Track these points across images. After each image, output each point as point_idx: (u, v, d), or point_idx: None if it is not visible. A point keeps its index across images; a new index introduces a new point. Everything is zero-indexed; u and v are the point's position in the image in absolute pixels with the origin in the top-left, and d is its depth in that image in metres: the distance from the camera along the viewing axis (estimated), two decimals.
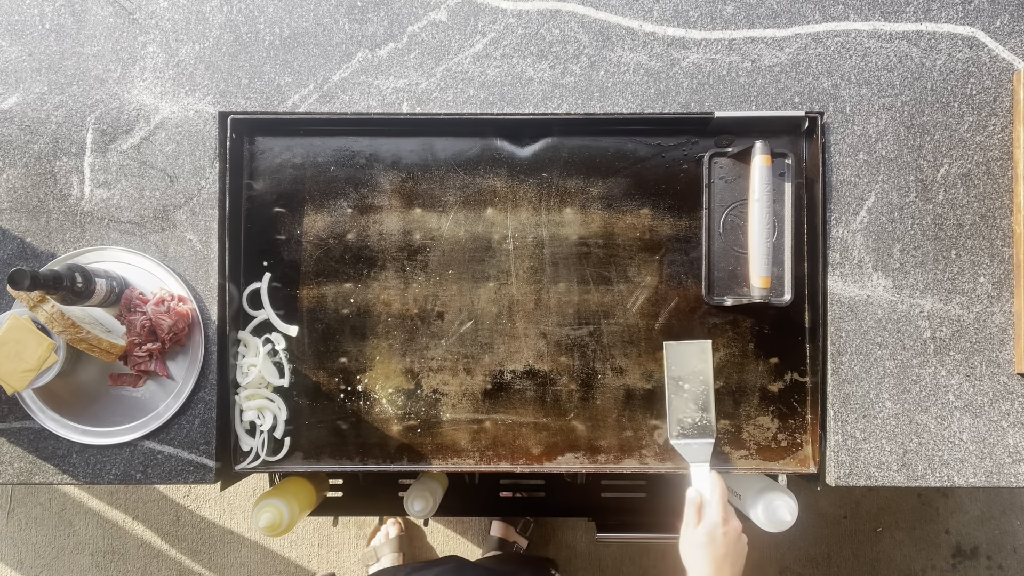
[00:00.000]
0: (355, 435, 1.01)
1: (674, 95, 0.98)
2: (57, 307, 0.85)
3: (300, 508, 1.11)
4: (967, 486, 0.95)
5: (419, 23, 0.99)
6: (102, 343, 0.88)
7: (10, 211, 0.98)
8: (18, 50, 0.99)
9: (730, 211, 0.99)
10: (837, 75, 0.98)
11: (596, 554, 1.85)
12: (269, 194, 1.00)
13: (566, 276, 1.00)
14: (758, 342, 0.99)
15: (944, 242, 0.96)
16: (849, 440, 0.96)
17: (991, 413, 0.96)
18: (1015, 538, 1.90)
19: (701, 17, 0.98)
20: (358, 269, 1.00)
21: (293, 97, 0.98)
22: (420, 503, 1.15)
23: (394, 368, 1.00)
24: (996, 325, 0.96)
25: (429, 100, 0.98)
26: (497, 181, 1.00)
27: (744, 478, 1.08)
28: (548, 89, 0.98)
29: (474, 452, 1.00)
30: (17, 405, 0.97)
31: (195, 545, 1.91)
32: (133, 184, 0.98)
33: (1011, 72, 0.97)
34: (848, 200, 0.97)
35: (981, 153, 0.97)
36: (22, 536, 1.92)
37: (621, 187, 1.00)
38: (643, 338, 1.00)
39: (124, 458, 0.97)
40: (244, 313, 1.00)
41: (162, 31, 0.99)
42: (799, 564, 1.89)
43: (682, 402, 0.98)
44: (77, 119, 0.98)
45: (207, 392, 0.97)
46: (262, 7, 0.99)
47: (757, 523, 1.02)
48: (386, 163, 1.00)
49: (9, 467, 0.97)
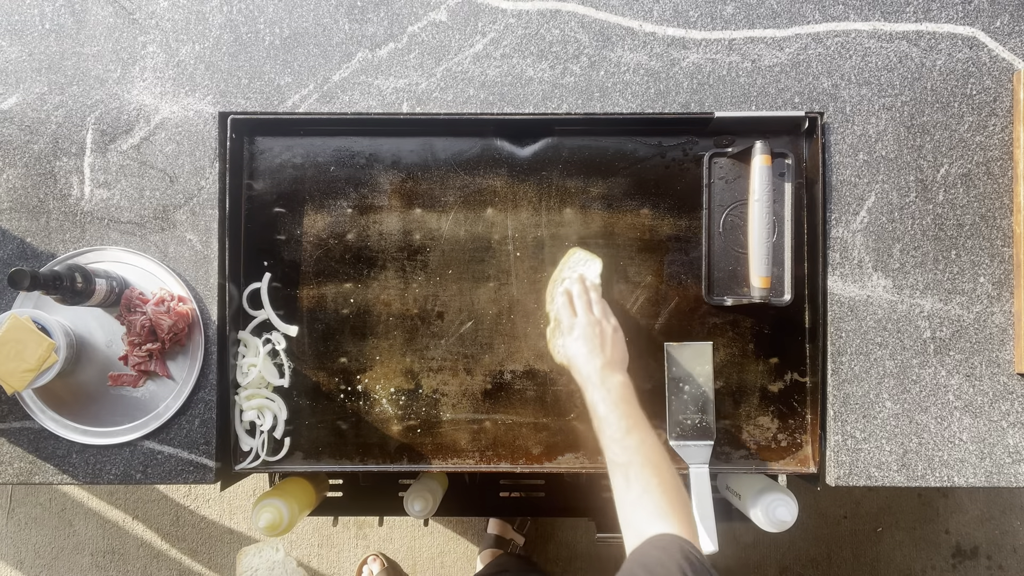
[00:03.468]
0: (355, 435, 1.01)
1: (674, 95, 0.98)
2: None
3: (300, 508, 1.11)
4: (967, 486, 0.95)
5: (419, 23, 0.99)
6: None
7: (10, 211, 0.98)
8: (18, 50, 0.99)
9: (730, 211, 0.99)
10: (837, 75, 0.97)
11: (596, 554, 1.85)
12: (269, 194, 1.00)
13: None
14: (758, 342, 0.99)
15: (944, 242, 0.96)
16: (849, 440, 0.96)
17: (991, 413, 0.96)
18: (1015, 538, 1.90)
19: (701, 17, 0.98)
20: (358, 269, 1.00)
21: (293, 97, 0.98)
22: (420, 503, 1.15)
23: (394, 368, 1.00)
24: (996, 325, 0.96)
25: (429, 100, 0.98)
26: (497, 181, 1.00)
27: (744, 478, 1.08)
28: (548, 89, 0.98)
29: (474, 452, 1.00)
30: (17, 405, 0.97)
31: (195, 545, 1.91)
32: (133, 184, 0.98)
33: (1011, 72, 0.97)
34: (848, 200, 0.97)
35: (981, 153, 0.97)
36: (22, 536, 1.92)
37: (621, 187, 1.00)
38: (643, 338, 0.99)
39: (124, 458, 0.97)
40: (244, 313, 1.00)
41: (162, 31, 0.99)
42: (799, 564, 1.89)
43: (682, 404, 0.98)
44: (77, 119, 0.98)
45: (207, 392, 0.97)
46: (262, 7, 0.99)
47: (757, 523, 1.02)
48: (386, 163, 1.00)
49: (9, 467, 0.97)
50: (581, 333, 0.89)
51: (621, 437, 0.79)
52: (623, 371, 0.87)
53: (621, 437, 0.79)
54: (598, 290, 0.95)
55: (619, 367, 0.87)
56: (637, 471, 0.76)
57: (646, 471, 0.76)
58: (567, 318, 0.92)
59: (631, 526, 0.73)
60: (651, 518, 0.72)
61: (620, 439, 0.79)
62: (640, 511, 0.73)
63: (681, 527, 0.70)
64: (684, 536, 0.68)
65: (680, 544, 0.66)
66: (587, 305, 0.92)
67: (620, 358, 0.89)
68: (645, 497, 0.74)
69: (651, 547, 0.67)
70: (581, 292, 0.93)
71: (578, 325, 0.90)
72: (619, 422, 0.80)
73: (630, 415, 0.81)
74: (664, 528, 0.69)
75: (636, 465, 0.77)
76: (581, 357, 0.87)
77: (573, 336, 0.90)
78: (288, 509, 1.05)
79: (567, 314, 0.92)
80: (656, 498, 0.73)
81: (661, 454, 0.79)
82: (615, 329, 0.91)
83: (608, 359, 0.87)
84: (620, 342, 0.90)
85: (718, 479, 1.19)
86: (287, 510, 1.05)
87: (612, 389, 0.84)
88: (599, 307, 0.92)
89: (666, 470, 0.77)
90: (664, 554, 0.65)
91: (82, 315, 0.97)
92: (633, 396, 0.84)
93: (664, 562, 0.63)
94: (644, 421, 0.82)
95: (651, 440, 0.80)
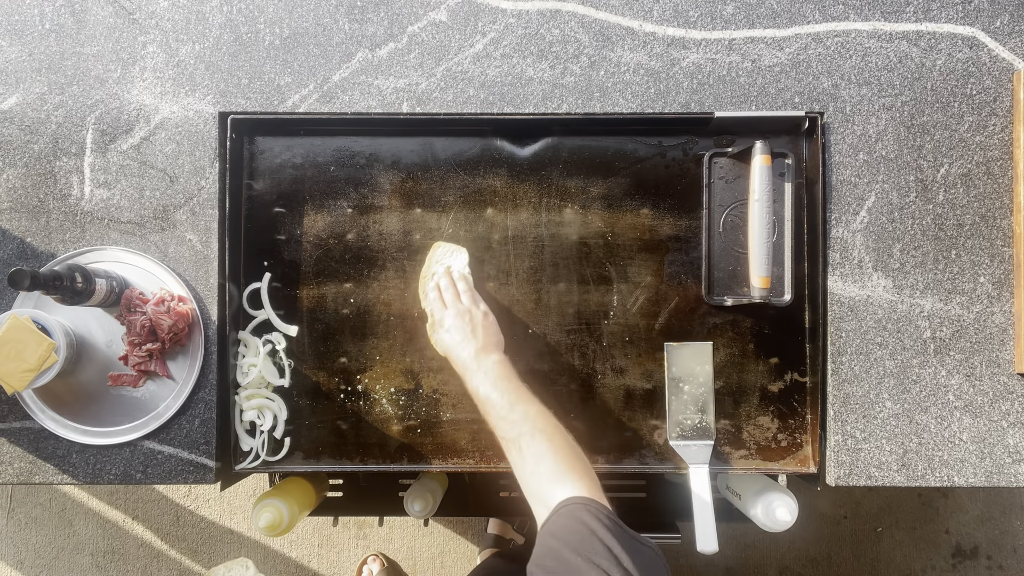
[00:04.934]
0: (355, 435, 1.01)
1: (674, 95, 0.98)
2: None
3: (300, 508, 1.11)
4: (967, 486, 0.95)
5: (419, 23, 0.99)
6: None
7: (10, 211, 0.98)
8: (18, 50, 0.99)
9: (730, 211, 0.99)
10: (837, 75, 0.97)
11: None
12: (269, 194, 1.00)
13: (566, 276, 1.00)
14: (758, 342, 0.99)
15: (944, 242, 0.96)
16: (849, 440, 0.96)
17: (991, 413, 0.96)
18: (1015, 538, 1.90)
19: (701, 17, 0.98)
20: (358, 269, 1.00)
21: (293, 97, 0.98)
22: (420, 503, 1.15)
23: (394, 368, 1.00)
24: (996, 325, 0.96)
25: (429, 100, 0.98)
26: (497, 181, 1.00)
27: (744, 478, 1.08)
28: (548, 89, 0.98)
29: (474, 452, 1.00)
30: (17, 405, 0.97)
31: (195, 545, 1.91)
32: (133, 184, 0.98)
33: (1011, 72, 0.97)
34: (848, 200, 0.97)
35: (981, 153, 0.97)
36: (22, 536, 1.92)
37: (621, 187, 1.00)
38: (643, 338, 0.99)
39: (124, 458, 0.97)
40: (244, 313, 1.00)
41: (162, 31, 0.99)
42: (799, 564, 1.89)
43: (682, 404, 0.98)
44: (77, 119, 0.98)
45: (207, 392, 0.97)
46: (262, 7, 0.99)
47: (757, 523, 1.02)
48: (386, 163, 1.00)
49: (9, 467, 0.97)
50: (452, 323, 0.91)
51: (507, 413, 0.81)
52: (498, 352, 0.89)
53: (507, 413, 0.81)
54: (467, 280, 0.97)
55: (494, 349, 0.89)
56: (528, 441, 0.77)
57: (536, 439, 0.77)
58: (439, 311, 0.94)
59: (535, 496, 0.74)
60: (551, 483, 0.72)
61: (506, 415, 0.81)
62: (538, 479, 0.74)
63: (581, 486, 0.70)
64: (585, 495, 0.69)
65: (585, 505, 0.67)
66: (455, 296, 0.94)
67: (494, 341, 0.90)
68: (541, 464, 0.75)
69: (559, 517, 0.68)
70: (448, 284, 0.95)
71: (448, 316, 0.92)
72: (501, 399, 0.82)
73: (511, 390, 0.83)
74: (565, 492, 0.70)
75: (526, 436, 0.78)
76: (456, 346, 0.89)
77: (445, 327, 0.92)
78: (288, 509, 1.05)
79: (439, 308, 0.94)
80: (550, 462, 0.74)
81: (548, 420, 0.80)
82: (485, 314, 0.92)
83: (481, 344, 0.88)
84: (492, 326, 0.92)
85: (718, 479, 1.19)
86: (287, 510, 1.05)
87: (489, 370, 0.85)
88: (467, 295, 0.94)
89: (557, 435, 0.78)
90: (574, 520, 0.66)
91: (82, 315, 0.97)
92: (512, 373, 0.86)
93: (575, 528, 0.64)
94: (527, 394, 0.83)
95: (535, 409, 0.81)
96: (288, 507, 1.05)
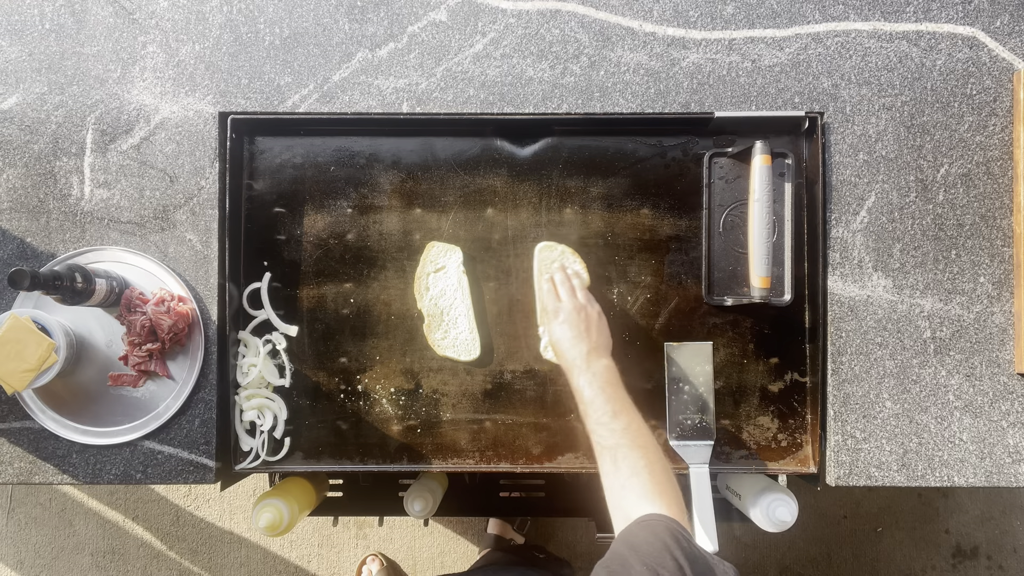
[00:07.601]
0: (355, 435, 1.01)
1: (674, 95, 0.98)
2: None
3: (300, 508, 1.11)
4: (967, 486, 0.95)
5: (419, 23, 0.99)
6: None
7: (10, 211, 0.98)
8: (18, 50, 0.99)
9: (730, 211, 0.99)
10: (837, 75, 0.97)
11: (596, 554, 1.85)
12: (269, 194, 1.00)
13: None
14: (758, 342, 0.99)
15: (944, 242, 0.96)
16: (849, 440, 0.96)
17: (991, 413, 0.96)
18: (1015, 538, 1.90)
19: (701, 17, 0.98)
20: (358, 269, 1.00)
21: (293, 97, 0.98)
22: (420, 503, 1.15)
23: (394, 368, 1.00)
24: (996, 325, 0.96)
25: (429, 100, 0.98)
26: (497, 181, 1.00)
27: (744, 478, 1.08)
28: (548, 89, 0.98)
29: (474, 452, 1.00)
30: (17, 405, 0.97)
31: (195, 545, 1.91)
32: (133, 184, 0.98)
33: (1011, 72, 0.97)
34: (848, 200, 0.97)
35: (981, 153, 0.97)
36: (22, 536, 1.92)
37: (621, 187, 1.00)
38: (643, 338, 0.99)
39: (124, 458, 0.97)
40: (244, 313, 1.00)
41: (162, 31, 0.99)
42: (799, 564, 1.89)
43: (682, 404, 0.98)
44: (77, 119, 0.98)
45: (207, 392, 0.97)
46: (262, 7, 0.99)
47: (757, 523, 1.02)
48: (386, 163, 1.00)
49: (9, 467, 0.97)
50: (567, 318, 0.89)
51: (608, 420, 0.80)
52: (608, 356, 0.88)
53: (608, 420, 0.80)
54: (582, 278, 0.96)
55: (604, 352, 0.88)
56: (625, 453, 0.76)
57: (634, 453, 0.76)
58: (552, 303, 0.92)
59: (620, 508, 0.74)
60: (639, 500, 0.72)
61: (607, 422, 0.80)
62: (628, 493, 0.74)
63: (669, 508, 0.70)
64: (672, 516, 0.68)
65: (667, 523, 0.66)
66: (571, 291, 0.92)
67: (605, 343, 0.89)
68: (633, 479, 0.74)
69: (638, 527, 0.67)
70: (563, 279, 0.94)
71: (563, 310, 0.90)
72: (605, 405, 0.81)
73: (616, 398, 0.82)
74: (652, 509, 0.69)
75: (624, 448, 0.77)
76: (566, 341, 0.88)
77: (559, 320, 0.90)
78: (288, 509, 1.05)
79: (552, 300, 0.93)
80: (644, 480, 0.74)
81: (648, 437, 0.79)
82: (599, 315, 0.91)
83: (594, 344, 0.87)
84: (605, 327, 0.91)
85: (718, 479, 1.19)
86: (287, 510, 1.05)
87: (598, 373, 0.84)
88: (583, 293, 0.93)
89: (653, 453, 0.77)
90: (651, 534, 0.65)
91: (82, 315, 0.97)
92: (619, 380, 0.85)
93: (651, 541, 0.63)
94: (631, 405, 0.82)
95: (637, 423, 0.80)
96: (288, 507, 1.05)
